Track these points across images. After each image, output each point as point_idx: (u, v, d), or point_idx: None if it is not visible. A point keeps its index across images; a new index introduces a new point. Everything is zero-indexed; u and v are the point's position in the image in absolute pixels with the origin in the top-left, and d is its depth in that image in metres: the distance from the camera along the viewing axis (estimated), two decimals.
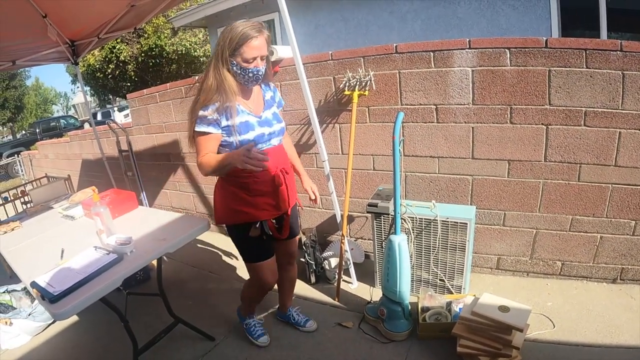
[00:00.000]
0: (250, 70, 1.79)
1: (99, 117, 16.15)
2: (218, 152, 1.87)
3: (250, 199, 1.94)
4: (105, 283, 1.76)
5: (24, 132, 25.41)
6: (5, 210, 4.73)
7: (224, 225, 2.09)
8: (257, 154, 1.61)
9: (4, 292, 3.05)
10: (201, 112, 1.79)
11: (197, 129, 1.81)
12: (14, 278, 3.33)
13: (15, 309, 2.93)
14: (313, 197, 2.31)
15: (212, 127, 1.81)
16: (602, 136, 2.32)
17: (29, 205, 4.10)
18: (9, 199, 5.03)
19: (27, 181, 7.31)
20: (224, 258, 3.70)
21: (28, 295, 3.06)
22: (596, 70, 2.23)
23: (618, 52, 2.17)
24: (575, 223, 2.53)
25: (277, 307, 2.64)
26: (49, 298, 1.65)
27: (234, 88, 1.81)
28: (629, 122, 2.24)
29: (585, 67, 2.25)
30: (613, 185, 2.38)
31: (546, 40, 2.29)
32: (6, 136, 29.72)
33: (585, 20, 5.21)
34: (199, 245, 3.97)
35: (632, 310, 2.30)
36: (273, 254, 2.14)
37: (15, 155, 12.60)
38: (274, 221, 2.07)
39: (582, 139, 2.36)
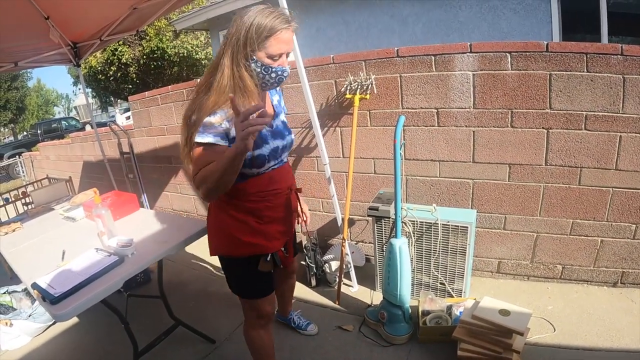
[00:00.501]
0: (274, 70, 1.45)
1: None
2: None
3: (260, 227, 1.63)
4: (106, 285, 1.76)
5: (25, 133, 25.46)
6: (6, 211, 4.74)
7: (219, 256, 1.75)
8: (248, 111, 1.20)
9: (4, 293, 3.06)
10: (208, 119, 1.39)
11: (200, 139, 1.40)
12: (14, 279, 3.33)
13: (15, 310, 2.93)
14: (305, 219, 1.99)
15: (220, 139, 1.41)
16: (602, 140, 2.32)
17: (30, 207, 4.11)
18: (10, 200, 5.04)
19: (28, 182, 7.33)
20: None
21: (28, 297, 3.07)
22: (597, 74, 2.24)
23: (619, 56, 2.18)
24: (575, 227, 2.53)
25: (276, 309, 2.61)
26: (49, 299, 1.65)
27: (254, 91, 1.45)
28: (629, 125, 2.25)
29: (586, 71, 2.26)
30: (614, 189, 2.38)
31: (547, 45, 2.29)
32: (7, 137, 29.77)
33: (586, 23, 5.21)
34: (199, 248, 3.95)
35: (633, 314, 2.30)
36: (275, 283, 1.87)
37: (17, 156, 12.62)
38: (283, 249, 1.81)
39: (582, 142, 2.36)
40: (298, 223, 1.96)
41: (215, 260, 3.67)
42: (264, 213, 1.63)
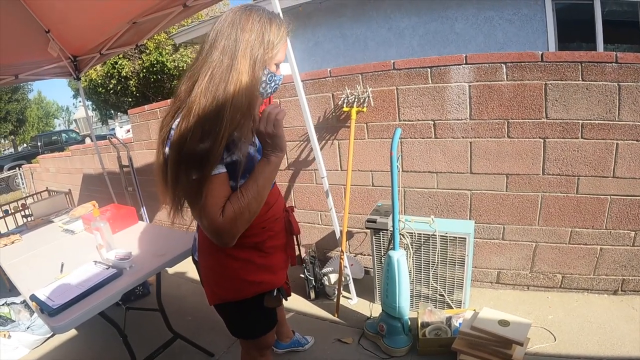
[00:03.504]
0: (276, 78, 1.29)
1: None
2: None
3: (264, 262, 1.45)
4: (104, 297, 1.77)
5: (25, 145, 25.49)
6: (6, 223, 4.74)
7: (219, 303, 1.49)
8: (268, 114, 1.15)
9: (2, 304, 3.05)
10: None
11: (216, 170, 1.14)
12: (13, 291, 3.33)
13: (14, 321, 2.93)
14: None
15: (221, 165, 1.17)
16: (599, 148, 2.34)
17: (29, 219, 4.10)
18: (10, 212, 5.04)
19: (27, 194, 7.33)
20: None
21: (27, 308, 3.06)
22: (592, 82, 2.26)
23: (613, 64, 2.20)
24: (574, 235, 2.53)
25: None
26: (48, 311, 1.66)
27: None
28: (626, 133, 2.26)
29: (581, 79, 2.28)
30: (612, 196, 2.39)
31: (542, 54, 2.32)
32: (7, 149, 29.83)
33: (581, 32, 5.27)
34: None
35: (634, 321, 2.29)
36: None
37: (17, 168, 12.62)
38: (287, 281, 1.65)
39: (579, 151, 2.38)
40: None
41: None
42: (267, 244, 1.45)
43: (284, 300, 1.58)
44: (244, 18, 1.17)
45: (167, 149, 1.16)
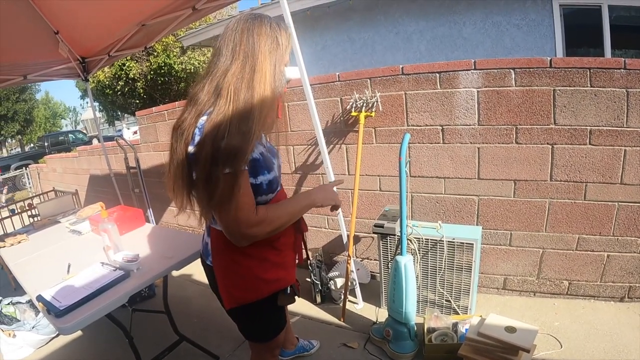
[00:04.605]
0: (285, 78, 1.36)
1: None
2: None
3: (278, 259, 1.47)
4: (111, 299, 1.78)
5: (32, 145, 25.64)
6: (12, 223, 4.76)
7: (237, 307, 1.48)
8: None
9: (8, 304, 3.06)
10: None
11: (241, 166, 1.18)
12: (18, 290, 3.34)
13: (19, 321, 2.94)
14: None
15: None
16: (607, 154, 2.33)
17: (36, 219, 4.12)
18: (17, 212, 5.07)
19: (34, 194, 7.37)
20: None
21: (32, 308, 3.07)
22: (600, 88, 2.25)
23: (622, 70, 2.19)
24: (581, 242, 2.52)
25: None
26: (54, 312, 1.66)
27: None
28: (634, 139, 2.25)
29: (589, 86, 2.27)
30: (619, 203, 2.38)
31: (550, 60, 2.31)
32: (15, 149, 30.01)
33: (589, 38, 5.25)
34: None
35: None
36: None
37: (23, 167, 12.69)
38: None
39: (587, 157, 2.37)
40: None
41: None
42: (280, 242, 1.47)
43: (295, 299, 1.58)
44: (256, 24, 1.24)
45: (192, 148, 1.20)
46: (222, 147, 1.13)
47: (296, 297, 1.58)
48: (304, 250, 1.70)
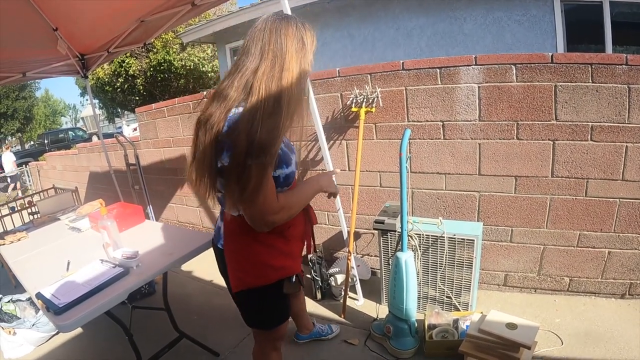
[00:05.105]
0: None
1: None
2: None
3: (285, 248, 1.54)
4: (110, 296, 1.77)
5: (32, 142, 25.66)
6: (12, 220, 4.76)
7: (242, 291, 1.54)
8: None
9: (8, 301, 3.05)
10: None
11: (271, 158, 1.26)
12: (18, 288, 3.34)
13: (19, 318, 2.93)
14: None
15: None
16: (608, 151, 2.32)
17: (35, 216, 4.12)
18: (16, 209, 5.06)
19: (34, 192, 7.37)
20: None
21: (32, 306, 3.07)
22: (602, 84, 2.24)
23: (624, 66, 2.18)
24: (582, 238, 2.51)
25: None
26: (53, 310, 1.66)
27: None
28: (635, 135, 2.24)
29: (591, 81, 2.26)
30: (620, 199, 2.37)
31: (552, 56, 2.30)
32: (15, 146, 30.02)
33: (590, 34, 5.24)
34: (204, 260, 3.95)
35: None
36: None
37: (23, 165, 12.70)
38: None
39: (588, 153, 2.36)
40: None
41: (219, 274, 3.67)
42: (289, 231, 1.54)
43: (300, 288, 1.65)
44: (284, 25, 1.31)
45: (225, 140, 1.24)
46: (256, 140, 1.19)
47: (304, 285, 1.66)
48: (312, 241, 1.77)
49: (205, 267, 3.81)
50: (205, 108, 1.35)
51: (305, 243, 1.72)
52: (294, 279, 1.57)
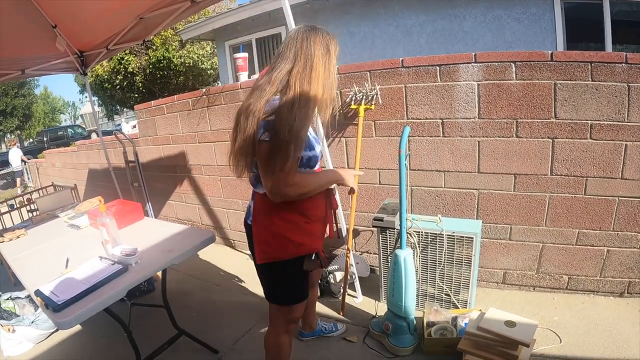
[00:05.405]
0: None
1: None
2: None
3: (307, 227, 1.71)
4: (109, 293, 1.76)
5: (31, 140, 25.62)
6: (11, 218, 4.75)
7: (268, 262, 1.72)
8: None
9: (7, 299, 3.06)
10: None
11: (302, 139, 1.51)
12: (17, 285, 3.34)
13: (18, 316, 2.93)
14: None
15: None
16: (608, 149, 2.32)
17: (34, 214, 4.12)
18: (15, 207, 5.06)
19: (33, 189, 7.35)
20: (229, 270, 3.69)
21: (31, 303, 3.07)
22: (602, 82, 2.24)
23: (623, 64, 2.18)
24: (581, 236, 2.52)
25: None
26: (52, 307, 1.65)
27: None
28: (635, 134, 2.25)
29: (590, 80, 2.26)
30: (620, 198, 2.37)
31: (551, 54, 2.30)
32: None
33: (590, 32, 5.23)
34: (203, 257, 3.96)
35: None
36: None
37: (23, 162, 12.69)
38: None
39: (588, 152, 2.36)
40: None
41: (219, 271, 3.68)
42: (310, 212, 1.71)
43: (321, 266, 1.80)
44: (312, 34, 1.58)
45: (270, 117, 1.48)
46: (293, 124, 1.45)
47: (325, 267, 1.90)
48: (334, 226, 1.97)
49: (204, 264, 3.83)
50: (246, 100, 1.59)
51: (328, 226, 1.90)
52: (313, 257, 1.73)
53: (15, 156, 12.73)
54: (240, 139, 1.56)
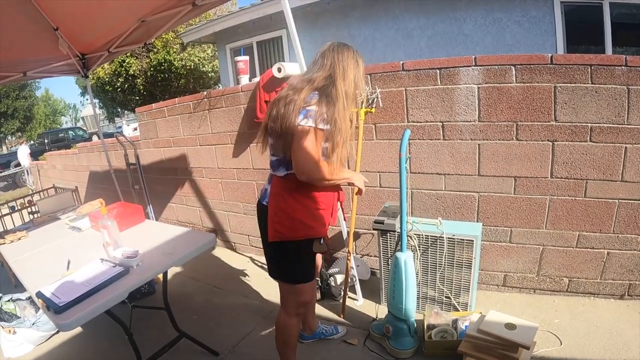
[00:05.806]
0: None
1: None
2: None
3: (316, 212, 1.89)
4: (110, 296, 1.77)
5: (32, 142, 25.63)
6: (12, 220, 4.76)
7: (280, 240, 1.86)
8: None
9: (8, 300, 3.06)
10: None
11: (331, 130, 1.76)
12: (18, 287, 3.34)
13: (19, 317, 2.93)
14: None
15: None
16: (608, 152, 2.32)
17: (36, 216, 4.13)
18: (17, 208, 5.07)
19: (34, 191, 7.37)
20: (229, 272, 3.69)
21: (32, 305, 3.07)
22: (601, 85, 2.24)
23: (623, 67, 2.19)
24: (582, 239, 2.52)
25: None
26: (54, 309, 1.66)
27: None
28: (635, 136, 2.25)
29: (590, 82, 2.26)
30: (620, 200, 2.37)
31: (551, 57, 2.31)
32: (15, 146, 29.99)
33: (590, 35, 5.24)
34: (204, 259, 3.96)
35: None
36: None
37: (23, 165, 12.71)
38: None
39: (588, 154, 2.36)
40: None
41: (220, 273, 3.68)
42: (320, 199, 1.89)
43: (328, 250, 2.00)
44: (344, 49, 1.86)
45: (311, 107, 1.71)
46: (326, 116, 1.71)
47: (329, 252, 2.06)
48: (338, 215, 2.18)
49: (205, 266, 3.83)
50: (285, 93, 1.82)
51: (332, 215, 2.02)
52: (322, 241, 1.91)
53: (24, 154, 12.85)
54: (278, 122, 1.76)
